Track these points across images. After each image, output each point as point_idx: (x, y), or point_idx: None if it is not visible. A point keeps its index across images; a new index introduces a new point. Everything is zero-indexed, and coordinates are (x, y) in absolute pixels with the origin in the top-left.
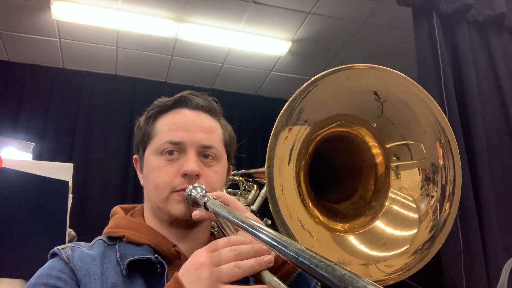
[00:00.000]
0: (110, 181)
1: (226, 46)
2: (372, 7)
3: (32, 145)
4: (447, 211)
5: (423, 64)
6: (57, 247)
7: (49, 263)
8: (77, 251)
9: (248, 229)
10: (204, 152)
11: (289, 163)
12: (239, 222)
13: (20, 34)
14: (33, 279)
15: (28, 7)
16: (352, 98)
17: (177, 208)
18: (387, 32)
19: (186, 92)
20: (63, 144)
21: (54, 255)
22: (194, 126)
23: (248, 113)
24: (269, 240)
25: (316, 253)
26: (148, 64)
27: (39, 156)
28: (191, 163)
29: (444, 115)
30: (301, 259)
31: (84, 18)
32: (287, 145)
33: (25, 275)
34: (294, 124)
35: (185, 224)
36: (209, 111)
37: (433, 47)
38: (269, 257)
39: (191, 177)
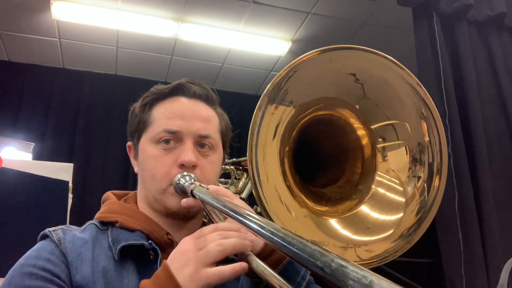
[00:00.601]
0: (110, 181)
1: (226, 46)
2: (372, 7)
3: (32, 145)
4: (436, 189)
5: (423, 64)
6: (48, 228)
7: (38, 244)
8: (68, 233)
9: (229, 212)
10: (201, 142)
11: (273, 139)
12: (220, 206)
13: (20, 34)
14: (21, 260)
15: (28, 7)
16: (335, 80)
17: (174, 201)
18: (387, 32)
19: (183, 80)
20: (63, 144)
21: (45, 237)
22: (191, 115)
23: (248, 113)
24: (249, 222)
25: (291, 232)
26: (148, 64)
27: (39, 156)
28: (188, 153)
29: (422, 85)
30: (275, 238)
31: (84, 18)
32: (272, 123)
33: None
34: (279, 103)
35: (181, 218)
36: (206, 99)
37: (433, 47)
38: (253, 237)
39: (188, 168)
